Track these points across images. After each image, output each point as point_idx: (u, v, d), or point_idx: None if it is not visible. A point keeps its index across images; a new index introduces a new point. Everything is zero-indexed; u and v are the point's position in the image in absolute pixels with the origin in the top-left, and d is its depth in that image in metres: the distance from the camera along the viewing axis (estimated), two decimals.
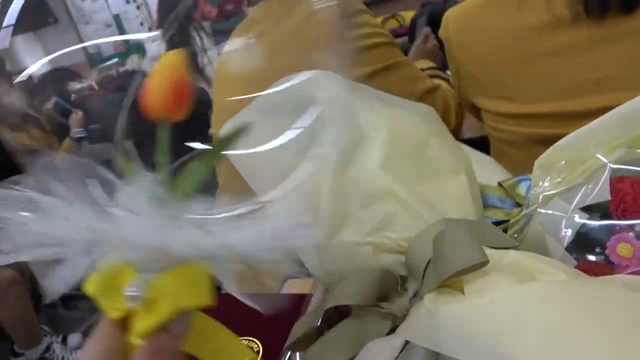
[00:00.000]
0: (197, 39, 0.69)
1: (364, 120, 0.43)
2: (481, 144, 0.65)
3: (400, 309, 0.35)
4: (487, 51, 0.65)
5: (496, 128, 0.72)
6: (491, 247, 0.36)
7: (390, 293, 0.37)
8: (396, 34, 1.74)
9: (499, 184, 0.49)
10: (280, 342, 0.42)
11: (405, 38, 1.60)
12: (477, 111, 0.77)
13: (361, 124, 0.43)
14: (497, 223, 0.45)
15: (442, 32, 0.68)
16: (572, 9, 0.58)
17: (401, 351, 0.32)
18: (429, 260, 0.34)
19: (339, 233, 0.39)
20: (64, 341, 1.96)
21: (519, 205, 0.47)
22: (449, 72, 0.82)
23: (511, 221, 0.44)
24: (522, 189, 0.47)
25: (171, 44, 0.36)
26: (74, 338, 1.98)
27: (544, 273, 0.32)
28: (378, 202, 0.39)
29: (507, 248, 0.39)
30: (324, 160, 0.41)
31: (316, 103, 0.41)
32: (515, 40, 0.63)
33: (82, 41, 2.55)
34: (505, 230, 0.44)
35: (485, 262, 0.32)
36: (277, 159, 0.35)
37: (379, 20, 1.70)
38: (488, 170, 0.55)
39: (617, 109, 0.41)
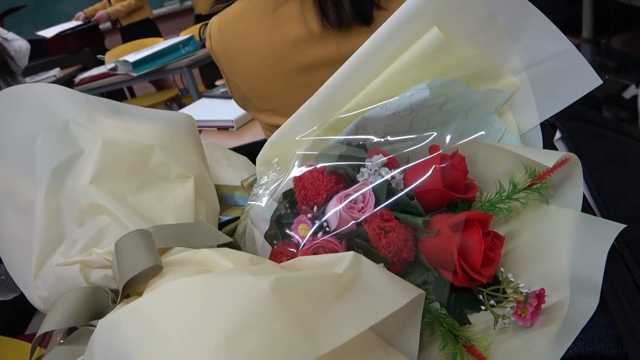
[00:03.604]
0: None
1: (79, 135, 0.43)
2: None
3: None
4: (249, 64, 0.65)
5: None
6: (198, 247, 0.39)
7: (105, 309, 0.39)
8: None
9: (242, 183, 0.53)
10: None
11: None
12: None
13: (77, 138, 0.43)
14: (233, 220, 0.49)
15: (207, 43, 0.68)
16: (321, 23, 0.58)
17: None
18: None
19: (51, 257, 0.40)
20: None
21: None
22: None
23: (241, 217, 0.48)
24: None
25: None
26: None
27: (217, 267, 0.35)
28: (90, 218, 0.41)
29: (225, 245, 0.43)
30: (37, 185, 0.41)
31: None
32: (275, 54, 0.62)
33: None
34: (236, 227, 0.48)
35: (158, 267, 0.35)
36: None
37: None
38: (248, 172, 0.59)
39: (308, 101, 0.46)
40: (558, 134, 0.45)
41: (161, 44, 2.29)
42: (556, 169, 0.36)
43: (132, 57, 2.17)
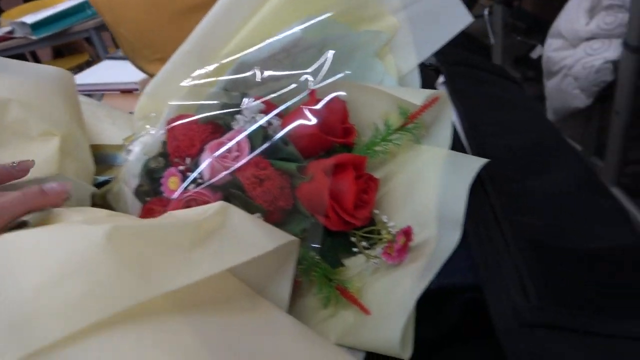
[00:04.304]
0: None
1: None
2: None
3: None
4: (132, 11, 0.61)
5: None
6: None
7: None
8: None
9: (124, 141, 0.49)
10: None
11: None
12: None
13: None
14: (110, 180, 0.45)
15: None
16: None
17: None
18: None
19: None
20: None
21: None
22: None
23: (119, 176, 0.44)
24: None
25: None
26: None
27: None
28: None
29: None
30: None
31: None
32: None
33: None
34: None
35: None
36: None
37: None
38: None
39: (181, 47, 0.42)
40: (441, 78, 0.45)
41: (64, 4, 2.09)
42: (426, 108, 0.35)
43: (30, 19, 1.97)
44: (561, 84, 1.53)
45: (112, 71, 1.19)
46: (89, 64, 2.82)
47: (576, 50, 1.49)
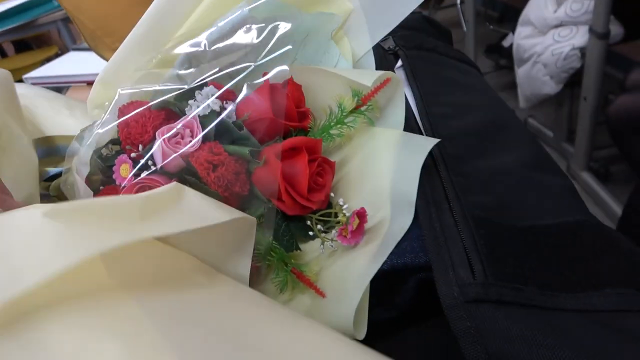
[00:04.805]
0: None
1: None
2: None
3: None
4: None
5: None
6: None
7: None
8: None
9: (81, 131, 0.48)
10: None
11: None
12: None
13: None
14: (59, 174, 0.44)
15: None
16: None
17: None
18: None
19: None
20: None
21: None
22: None
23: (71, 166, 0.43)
24: None
25: None
26: None
27: None
28: None
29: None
30: None
31: None
32: None
33: None
34: None
35: None
36: None
37: None
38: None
39: (132, 30, 0.42)
40: (399, 62, 0.45)
41: None
42: (379, 90, 0.35)
43: None
44: (531, 71, 1.55)
45: (78, 63, 1.16)
46: (58, 57, 2.75)
47: (545, 38, 1.51)
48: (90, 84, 1.12)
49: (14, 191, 0.37)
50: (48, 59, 2.66)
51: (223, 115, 0.37)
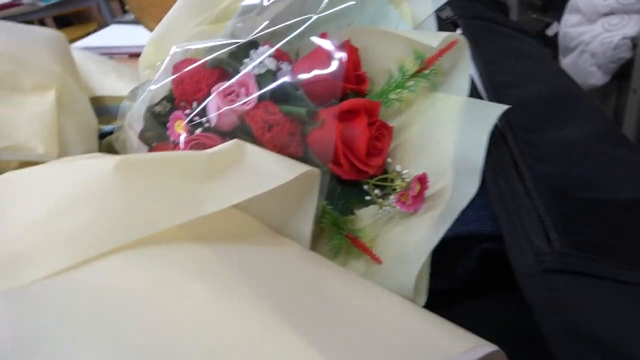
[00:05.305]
0: None
1: None
2: None
3: None
4: None
5: None
6: None
7: None
8: None
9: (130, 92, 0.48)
10: None
11: None
12: None
13: None
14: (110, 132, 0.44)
15: None
16: None
17: None
18: None
19: None
20: None
21: None
22: None
23: (125, 123, 0.43)
24: None
25: None
26: None
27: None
28: None
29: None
30: None
31: None
32: None
33: None
34: None
35: None
36: None
37: None
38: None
39: None
40: (459, 31, 0.43)
41: None
42: (444, 53, 0.34)
43: None
44: (578, 60, 1.49)
45: (120, 35, 1.17)
46: None
47: (594, 26, 1.45)
48: (132, 56, 1.13)
49: (76, 149, 0.38)
50: (87, 35, 2.72)
51: (280, 75, 0.36)
